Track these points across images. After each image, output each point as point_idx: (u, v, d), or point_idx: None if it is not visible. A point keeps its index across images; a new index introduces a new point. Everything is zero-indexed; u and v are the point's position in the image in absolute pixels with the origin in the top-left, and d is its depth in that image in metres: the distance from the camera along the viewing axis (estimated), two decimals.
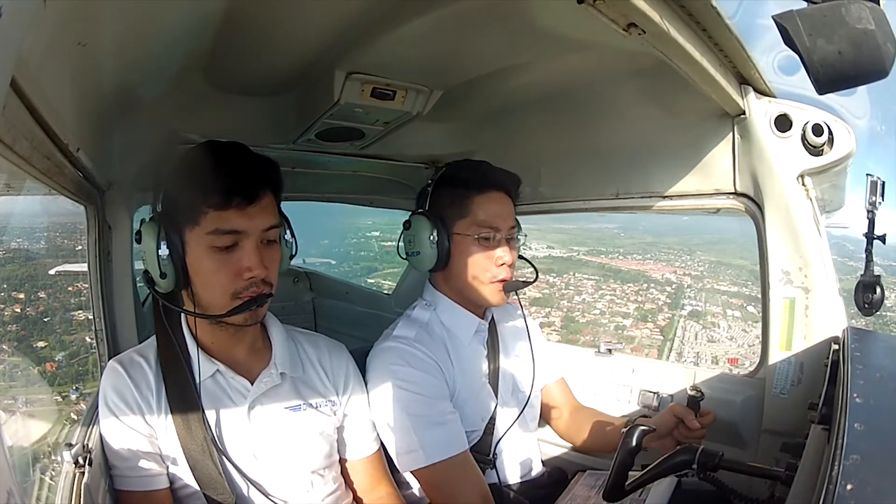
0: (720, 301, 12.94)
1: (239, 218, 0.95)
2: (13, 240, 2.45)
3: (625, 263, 14.51)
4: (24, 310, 2.49)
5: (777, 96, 1.25)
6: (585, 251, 14.47)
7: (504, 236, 1.27)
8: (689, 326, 12.25)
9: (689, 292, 13.24)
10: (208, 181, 0.93)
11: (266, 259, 0.98)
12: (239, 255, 0.96)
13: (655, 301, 13.01)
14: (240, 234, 0.96)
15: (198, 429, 0.99)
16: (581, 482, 1.26)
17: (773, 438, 1.25)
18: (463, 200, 1.26)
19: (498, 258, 1.25)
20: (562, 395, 1.50)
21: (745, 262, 13.89)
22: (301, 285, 2.56)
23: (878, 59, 0.65)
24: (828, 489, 0.57)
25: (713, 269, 14.29)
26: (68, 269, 2.75)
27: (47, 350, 2.37)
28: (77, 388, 2.25)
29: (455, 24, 1.00)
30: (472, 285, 1.27)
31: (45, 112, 0.74)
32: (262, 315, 1.03)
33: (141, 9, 0.77)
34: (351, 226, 15.15)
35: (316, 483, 1.09)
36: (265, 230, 0.98)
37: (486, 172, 1.29)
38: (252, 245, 0.97)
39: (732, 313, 12.48)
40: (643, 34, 0.84)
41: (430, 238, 1.24)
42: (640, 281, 13.75)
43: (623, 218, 15.86)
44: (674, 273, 13.98)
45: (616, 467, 0.92)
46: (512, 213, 1.31)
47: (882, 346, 1.18)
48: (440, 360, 1.24)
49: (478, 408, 1.28)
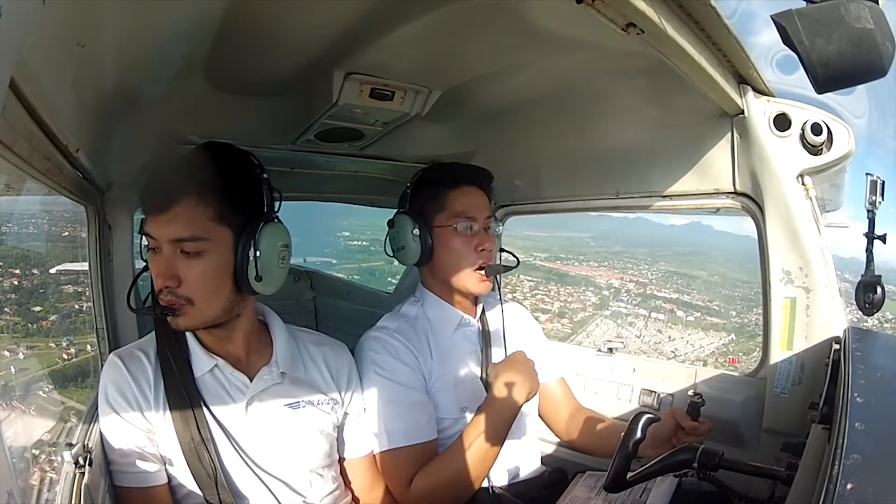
0: (651, 305, 14.17)
1: (153, 225, 0.96)
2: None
3: (576, 269, 15.50)
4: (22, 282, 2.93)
5: (776, 95, 1.25)
6: (544, 257, 15.23)
7: (482, 226, 1.33)
8: (604, 323, 13.61)
9: (623, 296, 14.44)
10: (146, 185, 0.98)
11: (181, 270, 0.95)
12: (155, 261, 0.97)
13: (584, 302, 14.26)
14: (156, 240, 0.96)
15: (194, 424, 0.99)
16: (581, 483, 1.26)
17: (774, 438, 1.25)
18: (439, 196, 1.33)
19: (477, 245, 1.31)
20: (561, 395, 1.50)
21: (704, 272, 15.32)
22: (302, 284, 2.56)
23: (876, 58, 0.65)
24: (828, 489, 0.57)
25: (665, 278, 15.30)
26: (68, 269, 2.77)
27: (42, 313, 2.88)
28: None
29: (454, 24, 1.00)
30: (457, 274, 1.33)
31: (44, 112, 0.74)
32: (182, 326, 0.99)
33: (141, 9, 0.77)
34: (326, 225, 15.60)
35: (315, 482, 1.09)
36: (175, 241, 0.94)
37: (458, 169, 1.38)
38: (164, 253, 0.95)
39: (657, 316, 13.85)
40: (642, 34, 0.84)
41: (413, 232, 1.32)
42: (581, 285, 14.77)
43: (600, 228, 16.79)
44: (620, 279, 15.08)
45: (619, 457, 0.92)
46: (487, 205, 1.37)
47: (883, 346, 1.18)
48: (419, 350, 1.30)
49: (456, 398, 1.30)
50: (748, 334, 13.33)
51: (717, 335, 13.83)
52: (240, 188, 0.99)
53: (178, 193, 0.94)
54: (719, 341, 13.63)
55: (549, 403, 1.50)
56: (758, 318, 8.65)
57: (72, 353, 2.64)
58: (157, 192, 0.96)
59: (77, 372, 1.29)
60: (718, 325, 14.04)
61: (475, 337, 1.40)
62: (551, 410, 1.50)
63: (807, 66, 0.67)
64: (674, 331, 13.90)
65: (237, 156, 1.03)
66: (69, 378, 2.35)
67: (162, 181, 0.96)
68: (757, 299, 6.83)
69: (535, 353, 1.48)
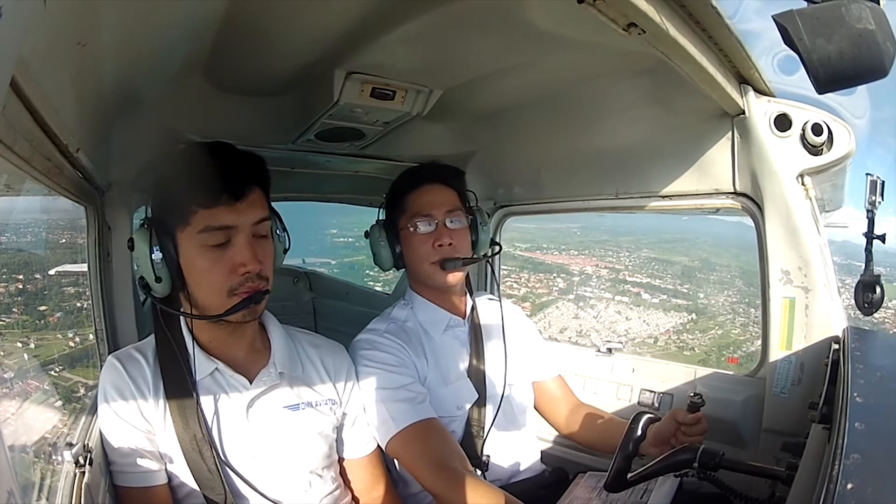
0: (619, 289, 14.63)
1: (228, 214, 0.96)
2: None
3: (553, 258, 15.75)
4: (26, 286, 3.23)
5: (776, 96, 1.25)
6: (525, 247, 15.65)
7: (441, 220, 1.33)
8: (564, 307, 14.23)
9: (593, 282, 14.94)
10: (196, 181, 0.95)
11: (259, 253, 0.99)
12: (231, 252, 0.97)
13: (551, 288, 14.71)
14: (231, 229, 0.97)
15: (195, 426, 0.99)
16: (582, 483, 1.26)
17: (774, 438, 1.25)
18: (401, 200, 1.37)
19: (435, 241, 1.32)
20: (559, 392, 1.50)
21: (685, 258, 15.58)
22: (301, 285, 2.56)
23: (877, 58, 0.65)
24: (828, 488, 0.57)
25: (642, 265, 15.57)
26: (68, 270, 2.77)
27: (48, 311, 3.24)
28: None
29: (455, 24, 1.00)
30: (422, 270, 1.35)
31: (44, 112, 0.74)
32: (260, 311, 1.03)
33: (141, 9, 0.76)
34: (314, 223, 15.90)
35: (314, 483, 1.09)
36: (255, 224, 0.99)
37: (417, 171, 1.40)
38: (244, 240, 0.97)
39: (620, 299, 14.34)
40: (643, 34, 0.84)
41: (380, 239, 1.37)
42: (553, 272, 15.13)
43: (591, 218, 16.99)
44: (595, 266, 15.45)
45: (620, 456, 0.92)
46: (448, 200, 1.36)
47: (882, 346, 1.19)
48: (412, 349, 1.30)
49: (451, 396, 1.31)
50: (709, 315, 13.68)
51: (677, 315, 14.16)
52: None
53: (251, 180, 0.99)
54: (678, 321, 13.99)
55: (547, 401, 1.50)
56: (725, 299, 8.84)
57: (77, 341, 2.90)
58: (232, 181, 0.97)
59: (83, 354, 1.44)
60: (681, 307, 14.36)
61: (465, 336, 1.40)
62: (550, 408, 1.50)
63: (808, 67, 0.67)
64: (633, 312, 14.24)
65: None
66: (76, 359, 2.58)
67: (229, 170, 0.98)
68: (730, 281, 6.94)
69: (530, 351, 1.49)
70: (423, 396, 1.24)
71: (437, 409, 1.26)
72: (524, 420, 1.43)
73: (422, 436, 1.17)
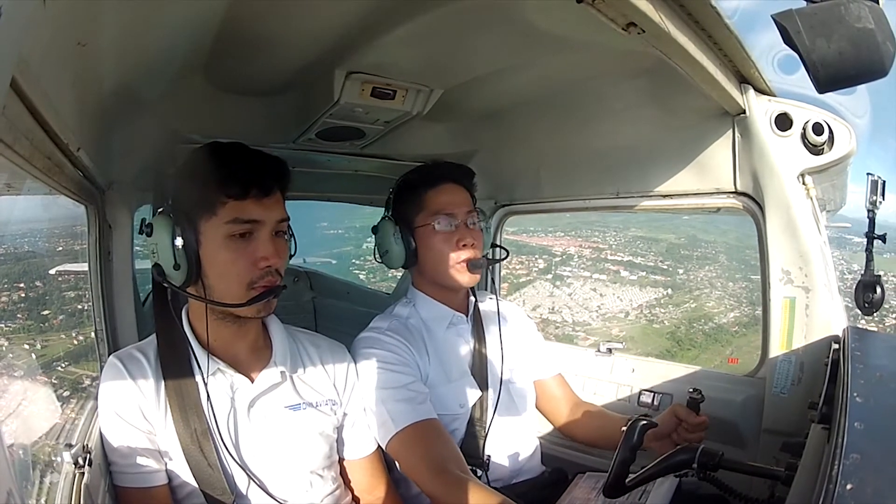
0: (599, 268, 15.14)
1: (256, 208, 0.98)
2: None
3: (538, 240, 16.12)
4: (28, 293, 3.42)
5: (777, 95, 1.25)
6: (511, 231, 15.83)
7: (462, 221, 1.33)
8: (541, 285, 14.76)
9: (573, 261, 15.44)
10: (228, 173, 0.97)
11: (279, 250, 1.01)
12: (254, 245, 0.98)
13: (531, 268, 15.19)
14: (256, 223, 0.99)
15: (196, 426, 0.99)
16: (581, 484, 1.26)
17: (774, 438, 1.25)
18: (418, 197, 1.34)
19: (459, 240, 1.31)
20: (559, 390, 1.50)
21: (672, 235, 15.76)
22: (301, 285, 2.56)
23: (877, 58, 0.65)
24: (828, 488, 0.57)
25: (627, 244, 15.91)
26: (68, 269, 2.78)
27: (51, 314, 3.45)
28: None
29: (455, 24, 1.00)
30: (441, 270, 1.33)
31: (45, 112, 0.74)
32: (273, 307, 1.05)
33: (141, 9, 0.77)
34: (305, 216, 16.21)
35: (315, 483, 1.09)
36: (279, 221, 1.02)
37: (434, 168, 1.38)
38: (267, 235, 1.00)
39: (598, 277, 14.82)
40: (643, 33, 0.84)
41: (394, 236, 1.33)
42: (536, 254, 15.52)
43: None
44: (578, 247, 15.84)
45: (617, 463, 0.92)
46: (466, 200, 1.36)
47: (882, 346, 1.19)
48: (414, 347, 1.30)
49: (454, 394, 1.31)
50: (686, 290, 13.93)
51: (653, 290, 14.45)
52: None
53: (279, 179, 1.03)
54: (652, 296, 14.30)
55: (547, 400, 1.50)
56: (705, 274, 8.92)
57: (80, 339, 3.02)
58: (261, 177, 0.99)
59: (87, 350, 1.50)
60: (659, 282, 14.62)
61: (468, 333, 1.40)
62: (551, 407, 1.50)
63: (808, 66, 0.68)
64: (609, 289, 14.51)
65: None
66: (81, 355, 2.69)
67: (260, 166, 1.01)
68: (713, 256, 6.99)
69: (529, 350, 1.49)
70: (424, 396, 1.23)
71: (440, 406, 1.26)
72: (525, 418, 1.44)
73: (421, 437, 1.17)
